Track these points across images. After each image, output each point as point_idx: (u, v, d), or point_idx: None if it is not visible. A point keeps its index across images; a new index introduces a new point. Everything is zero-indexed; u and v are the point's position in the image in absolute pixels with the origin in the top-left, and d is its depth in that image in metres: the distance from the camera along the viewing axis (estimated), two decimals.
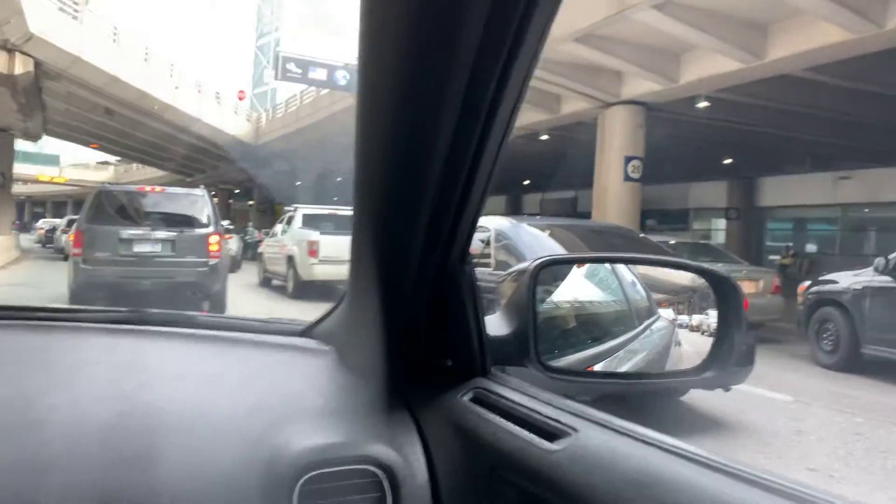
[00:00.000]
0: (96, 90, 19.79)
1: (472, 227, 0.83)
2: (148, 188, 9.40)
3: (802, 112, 12.85)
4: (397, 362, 0.88)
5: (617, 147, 12.64)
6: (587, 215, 22.14)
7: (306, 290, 10.40)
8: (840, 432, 4.13)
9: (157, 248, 8.07)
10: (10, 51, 15.25)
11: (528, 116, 15.10)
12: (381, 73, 0.69)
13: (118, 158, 46.70)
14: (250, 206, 36.63)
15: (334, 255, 9.88)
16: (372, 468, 0.78)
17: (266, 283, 12.91)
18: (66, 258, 15.37)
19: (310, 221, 11.42)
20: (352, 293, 0.95)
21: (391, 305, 0.86)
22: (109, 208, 8.16)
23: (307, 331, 1.09)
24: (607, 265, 1.33)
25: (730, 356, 1.00)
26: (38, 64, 16.34)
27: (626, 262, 1.46)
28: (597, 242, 5.60)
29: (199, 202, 8.56)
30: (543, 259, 0.99)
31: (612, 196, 12.63)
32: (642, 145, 12.68)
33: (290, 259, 11.23)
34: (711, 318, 1.04)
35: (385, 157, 0.76)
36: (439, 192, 0.76)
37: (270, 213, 29.68)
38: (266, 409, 0.85)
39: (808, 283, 7.28)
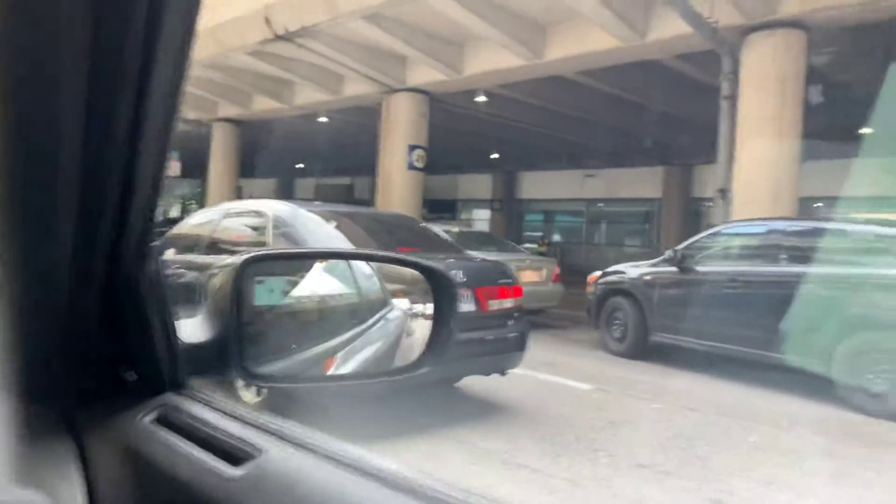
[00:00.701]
0: None
1: (149, 218, 0.74)
2: None
3: (565, 113, 13.95)
4: (59, 380, 0.76)
5: (401, 135, 12.48)
6: (364, 203, 22.03)
7: None
8: (646, 421, 4.27)
9: None
10: None
11: (306, 95, 14.32)
12: None
13: None
14: None
15: None
16: None
17: None
18: None
19: None
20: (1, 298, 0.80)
21: (47, 312, 0.74)
22: None
23: None
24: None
25: (447, 348, 0.98)
26: None
27: (341, 257, 1.41)
28: (380, 232, 5.32)
29: None
30: (250, 255, 0.89)
31: (396, 184, 12.46)
32: (426, 135, 12.69)
33: None
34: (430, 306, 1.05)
35: (7, 142, 0.62)
36: (91, 180, 0.66)
37: None
38: None
39: (598, 273, 7.66)
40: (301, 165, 26.47)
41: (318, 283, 1.18)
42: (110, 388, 0.77)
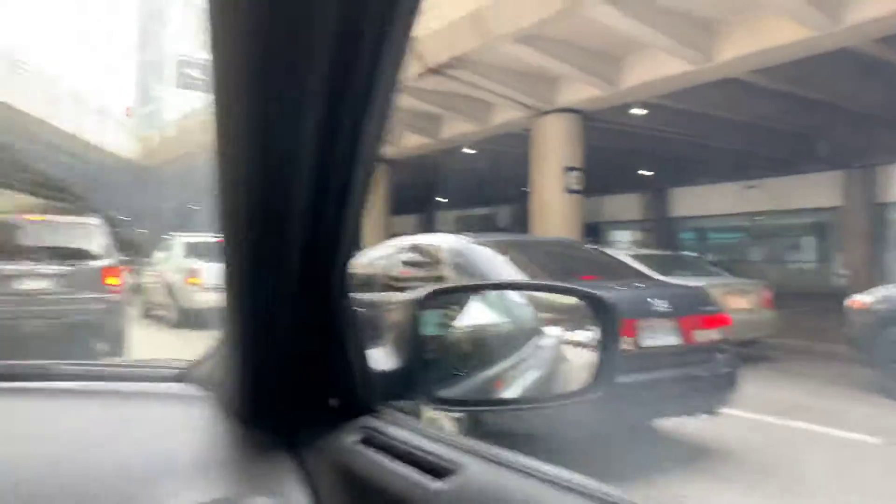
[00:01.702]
0: None
1: (349, 257, 0.79)
2: (31, 217, 8.41)
3: (726, 118, 12.81)
4: (280, 406, 0.84)
5: (554, 158, 12.01)
6: (506, 232, 21.67)
7: (189, 318, 10.15)
8: None
9: (46, 284, 7.12)
10: None
11: (454, 127, 14.30)
12: (234, 90, 0.65)
13: None
14: (142, 233, 33.70)
15: (215, 282, 9.74)
16: None
17: (148, 314, 12.39)
18: None
19: (190, 249, 11.10)
20: (227, 333, 0.87)
21: (269, 344, 0.82)
22: None
23: (184, 375, 1.03)
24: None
25: (613, 373, 1.02)
26: None
27: (515, 288, 1.60)
28: (549, 261, 5.09)
29: (93, 231, 7.72)
30: (431, 289, 0.97)
31: (553, 210, 11.95)
32: (581, 155, 12.14)
33: (171, 288, 11.06)
34: (594, 333, 1.09)
35: (248, 187, 0.71)
36: (311, 222, 0.73)
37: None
38: (133, 465, 0.78)
39: (864, 297, 6.22)
40: (442, 199, 26.76)
41: (475, 313, 1.21)
42: (318, 415, 0.83)
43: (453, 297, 1.19)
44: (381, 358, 0.87)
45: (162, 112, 44.14)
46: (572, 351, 1.25)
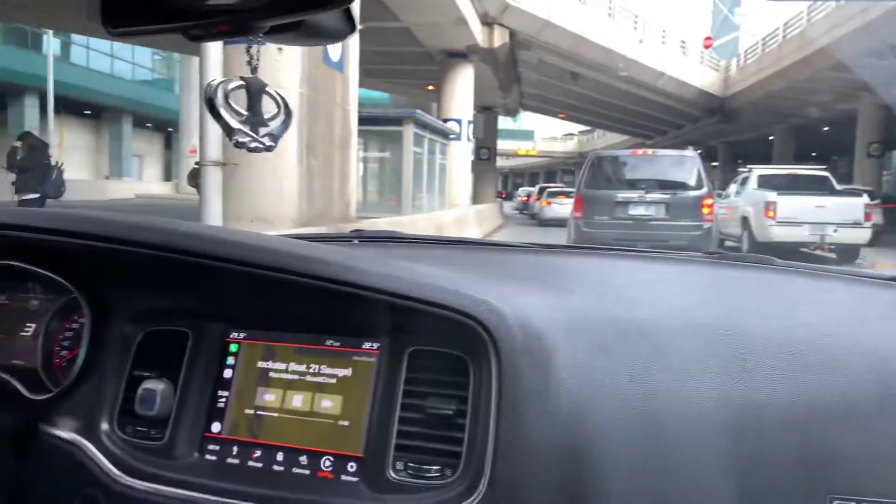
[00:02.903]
0: (563, 54, 19.86)
1: None
2: (639, 151, 9.65)
3: None
4: None
5: None
6: None
7: (762, 251, 9.14)
8: None
9: (651, 211, 8.20)
10: (489, 24, 16.04)
11: None
12: None
13: (581, 129, 49.14)
14: (713, 167, 33.76)
15: (794, 216, 9.88)
16: None
17: (720, 245, 12.46)
18: (539, 224, 19.03)
19: (766, 182, 11.12)
20: None
21: None
22: (603, 173, 8.67)
23: None
24: None
25: None
26: (512, 34, 16.93)
27: None
28: None
29: (689, 164, 8.57)
30: None
31: None
32: None
33: (745, 220, 11.19)
34: None
35: None
36: None
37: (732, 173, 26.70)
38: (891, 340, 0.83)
39: None
40: None
41: None
42: None
43: None
44: None
45: (730, 46, 42.66)
46: None
